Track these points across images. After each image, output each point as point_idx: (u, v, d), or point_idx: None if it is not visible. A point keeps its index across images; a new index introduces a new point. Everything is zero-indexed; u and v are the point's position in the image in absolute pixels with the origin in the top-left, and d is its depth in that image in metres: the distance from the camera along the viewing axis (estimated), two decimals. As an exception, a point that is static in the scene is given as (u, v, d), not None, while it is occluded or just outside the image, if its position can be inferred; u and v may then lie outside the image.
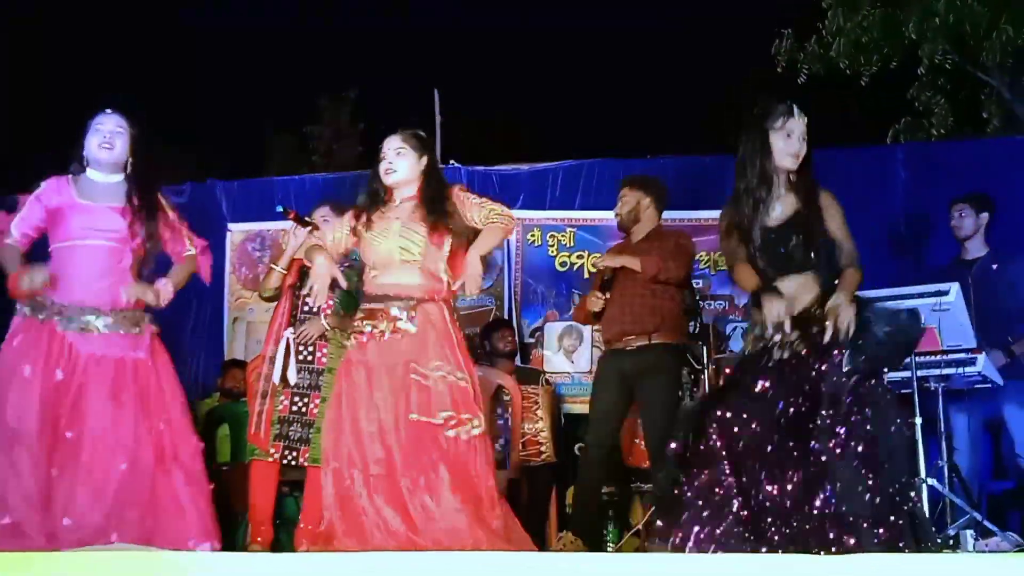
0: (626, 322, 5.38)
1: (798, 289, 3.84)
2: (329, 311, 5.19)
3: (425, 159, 4.25)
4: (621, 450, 6.10)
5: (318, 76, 17.07)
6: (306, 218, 5.22)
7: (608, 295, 5.45)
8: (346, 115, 17.46)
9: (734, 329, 7.04)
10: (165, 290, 4.30)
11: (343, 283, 4.25)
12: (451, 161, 7.77)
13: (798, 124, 3.90)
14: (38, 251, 4.35)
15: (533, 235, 7.39)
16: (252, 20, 17.56)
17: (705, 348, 5.82)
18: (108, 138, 4.28)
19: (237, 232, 7.82)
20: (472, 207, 4.21)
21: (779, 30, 11.88)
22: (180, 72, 16.33)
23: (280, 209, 5.32)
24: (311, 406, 5.12)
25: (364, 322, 4.15)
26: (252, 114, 16.68)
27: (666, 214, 5.82)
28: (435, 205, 4.18)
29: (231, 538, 5.56)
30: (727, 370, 3.99)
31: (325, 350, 5.20)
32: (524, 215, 7.35)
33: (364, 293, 4.28)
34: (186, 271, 4.49)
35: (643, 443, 5.66)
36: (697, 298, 5.93)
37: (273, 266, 5.41)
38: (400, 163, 4.21)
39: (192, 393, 7.34)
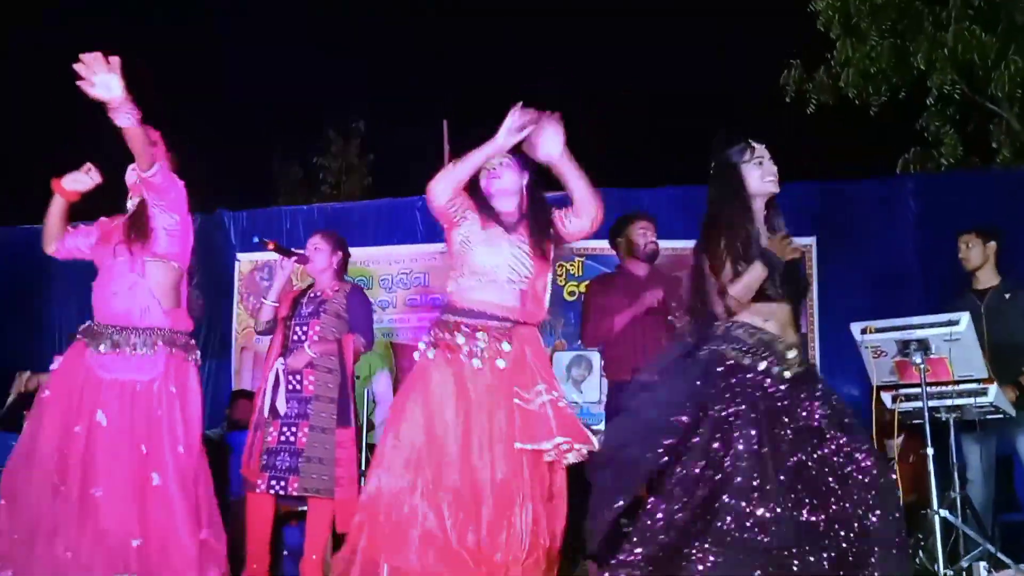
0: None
1: (788, 316, 3.83)
2: (316, 338, 5.20)
3: (527, 177, 4.11)
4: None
5: (327, 107, 17.16)
6: (291, 249, 5.33)
7: None
8: (355, 146, 17.54)
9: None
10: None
11: None
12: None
13: (762, 149, 3.85)
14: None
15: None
16: (259, 52, 17.67)
17: None
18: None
19: (245, 262, 7.84)
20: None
21: (788, 60, 11.93)
22: (188, 103, 16.41)
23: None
24: (299, 435, 5.07)
25: (455, 335, 3.90)
26: (261, 145, 16.76)
27: (673, 243, 5.80)
28: (540, 225, 4.02)
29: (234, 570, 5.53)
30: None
31: (312, 378, 5.18)
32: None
33: (451, 302, 4.04)
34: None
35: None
36: None
37: (263, 300, 5.48)
38: (505, 173, 4.06)
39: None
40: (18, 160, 13.65)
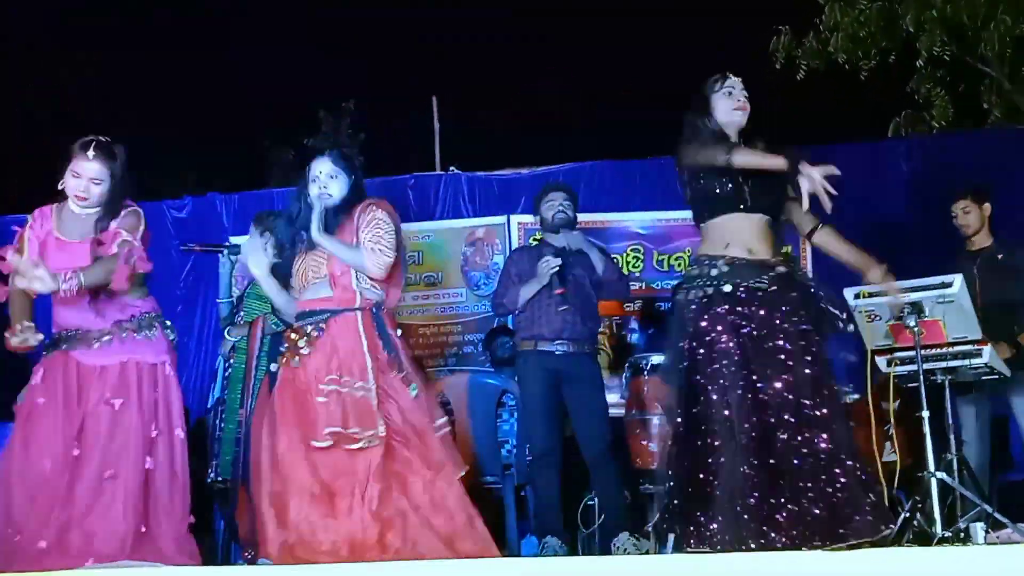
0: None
1: (767, 229, 3.93)
2: (241, 322, 5.28)
3: (354, 178, 4.27)
4: (629, 452, 6.04)
5: (317, 87, 17.08)
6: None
7: None
8: (346, 125, 17.47)
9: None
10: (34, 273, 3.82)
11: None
12: (451, 168, 7.75)
13: (735, 81, 4.02)
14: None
15: (535, 239, 7.32)
16: (249, 34, 17.59)
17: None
18: (84, 188, 4.15)
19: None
20: (365, 226, 4.15)
21: (777, 27, 11.89)
22: (179, 86, 16.36)
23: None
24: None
25: (287, 342, 4.17)
26: (252, 127, 16.69)
27: (665, 214, 5.83)
28: (341, 218, 4.18)
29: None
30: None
31: (231, 361, 5.31)
32: (526, 219, 7.33)
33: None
34: (103, 267, 4.04)
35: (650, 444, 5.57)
36: None
37: (218, 300, 5.64)
38: (334, 186, 4.21)
39: (197, 411, 7.34)
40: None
